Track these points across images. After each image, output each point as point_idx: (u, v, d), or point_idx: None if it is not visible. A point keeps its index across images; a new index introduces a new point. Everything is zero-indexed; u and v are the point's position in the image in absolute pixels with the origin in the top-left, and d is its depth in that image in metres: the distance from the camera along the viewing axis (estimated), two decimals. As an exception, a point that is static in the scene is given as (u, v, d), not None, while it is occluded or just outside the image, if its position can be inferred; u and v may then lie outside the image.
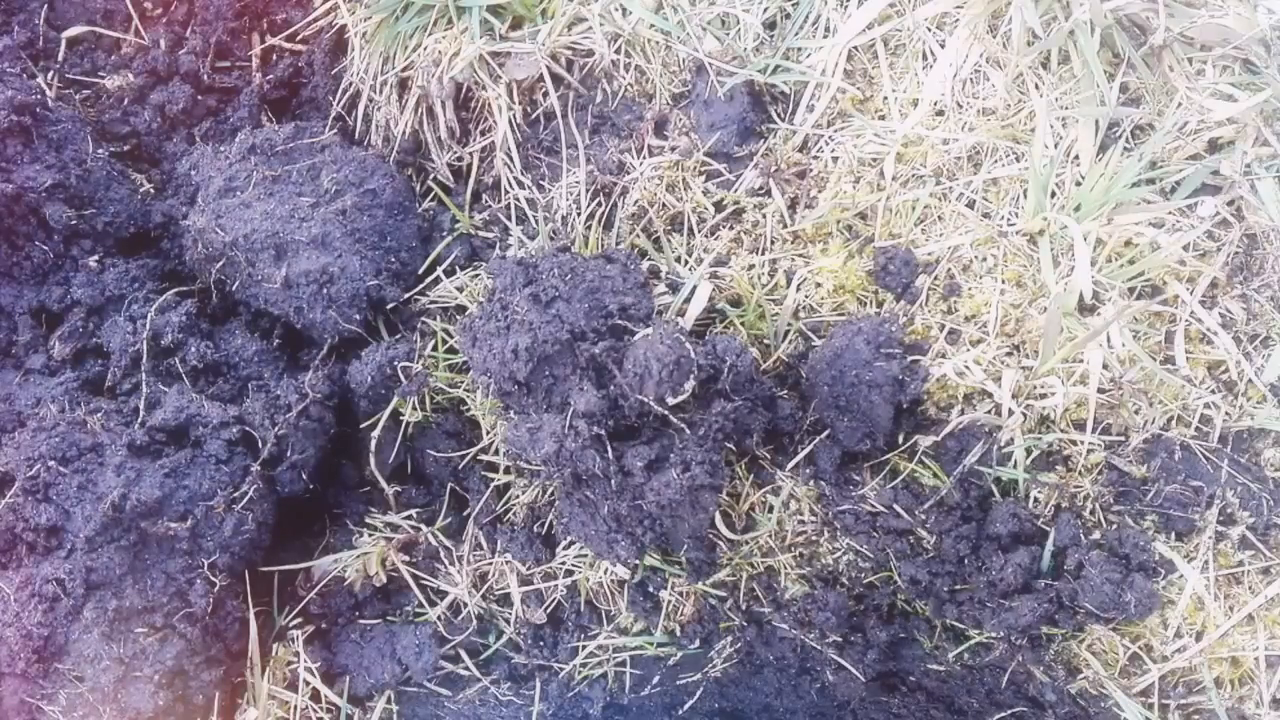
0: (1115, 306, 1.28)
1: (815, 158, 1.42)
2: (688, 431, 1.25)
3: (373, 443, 1.41)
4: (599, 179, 1.43)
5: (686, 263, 1.40)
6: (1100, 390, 1.28)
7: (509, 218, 1.48)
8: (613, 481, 1.24)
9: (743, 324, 1.37)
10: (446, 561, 1.44)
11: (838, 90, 1.42)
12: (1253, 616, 1.29)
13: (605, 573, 1.41)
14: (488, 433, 1.41)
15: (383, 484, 1.44)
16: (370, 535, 1.45)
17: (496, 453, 1.41)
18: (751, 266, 1.39)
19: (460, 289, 1.44)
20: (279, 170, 1.42)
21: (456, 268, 1.46)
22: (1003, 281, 1.33)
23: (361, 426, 1.43)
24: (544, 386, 1.26)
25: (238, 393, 1.40)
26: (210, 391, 1.38)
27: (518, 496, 1.43)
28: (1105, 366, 1.28)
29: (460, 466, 1.44)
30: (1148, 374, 1.29)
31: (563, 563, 1.42)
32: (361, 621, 1.45)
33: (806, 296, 1.38)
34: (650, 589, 1.42)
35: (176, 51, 1.56)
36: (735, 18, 1.43)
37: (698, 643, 1.42)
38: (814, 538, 1.38)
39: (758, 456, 1.38)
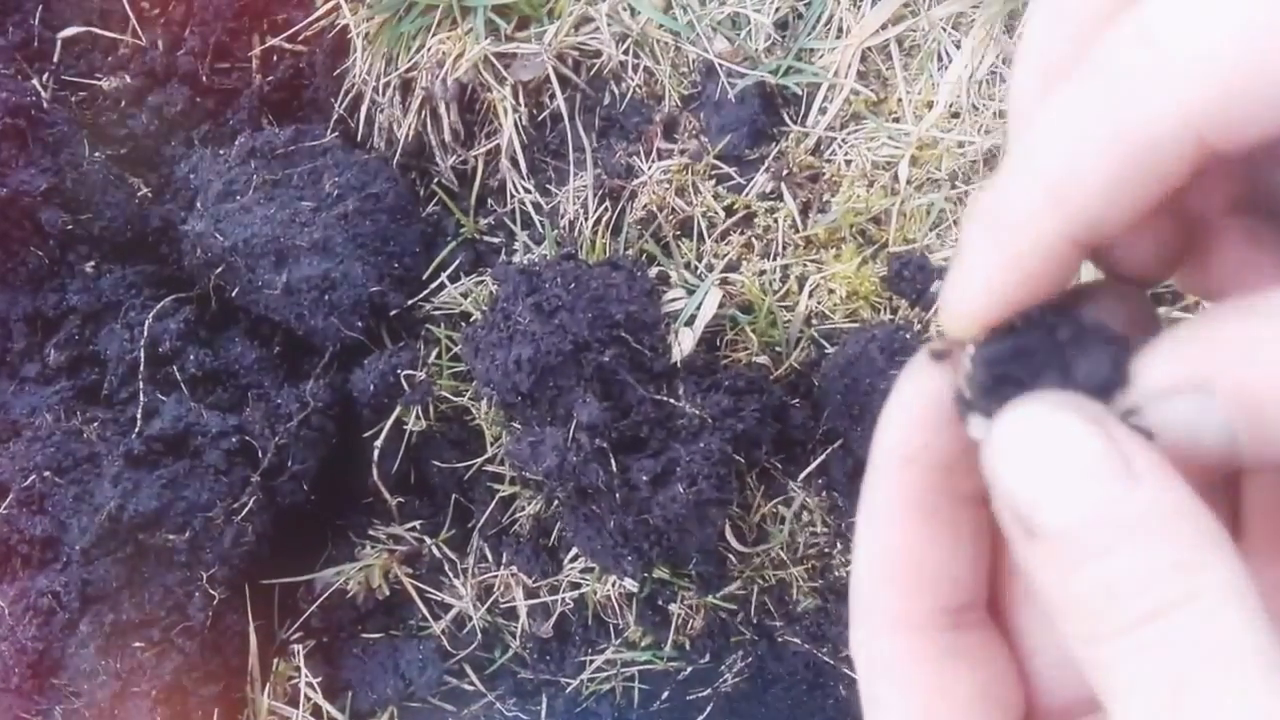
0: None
1: (828, 161, 1.43)
2: (695, 444, 1.25)
3: (375, 453, 1.42)
4: (607, 182, 1.44)
5: (696, 268, 1.41)
6: (1119, 399, 1.28)
7: (515, 222, 1.49)
8: (617, 495, 1.24)
9: (754, 331, 1.37)
10: (451, 574, 1.46)
11: (851, 92, 1.43)
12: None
13: (613, 586, 1.42)
14: (493, 443, 1.43)
15: (386, 495, 1.45)
16: (373, 547, 1.46)
17: (502, 463, 1.43)
18: (763, 272, 1.40)
19: (465, 295, 1.46)
20: (279, 174, 1.43)
21: (461, 273, 1.47)
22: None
23: (364, 436, 1.44)
24: (548, 398, 1.27)
25: (237, 401, 1.41)
26: (209, 400, 1.39)
27: (523, 508, 1.44)
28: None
29: (465, 477, 1.45)
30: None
31: (569, 575, 1.43)
32: (364, 635, 1.46)
33: (819, 303, 1.39)
34: (659, 602, 1.43)
35: (175, 53, 1.57)
36: (746, 18, 1.45)
37: (708, 657, 1.43)
38: (826, 549, 1.38)
39: (768, 466, 1.38)
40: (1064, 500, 0.37)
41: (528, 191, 1.48)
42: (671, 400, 1.28)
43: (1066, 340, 0.41)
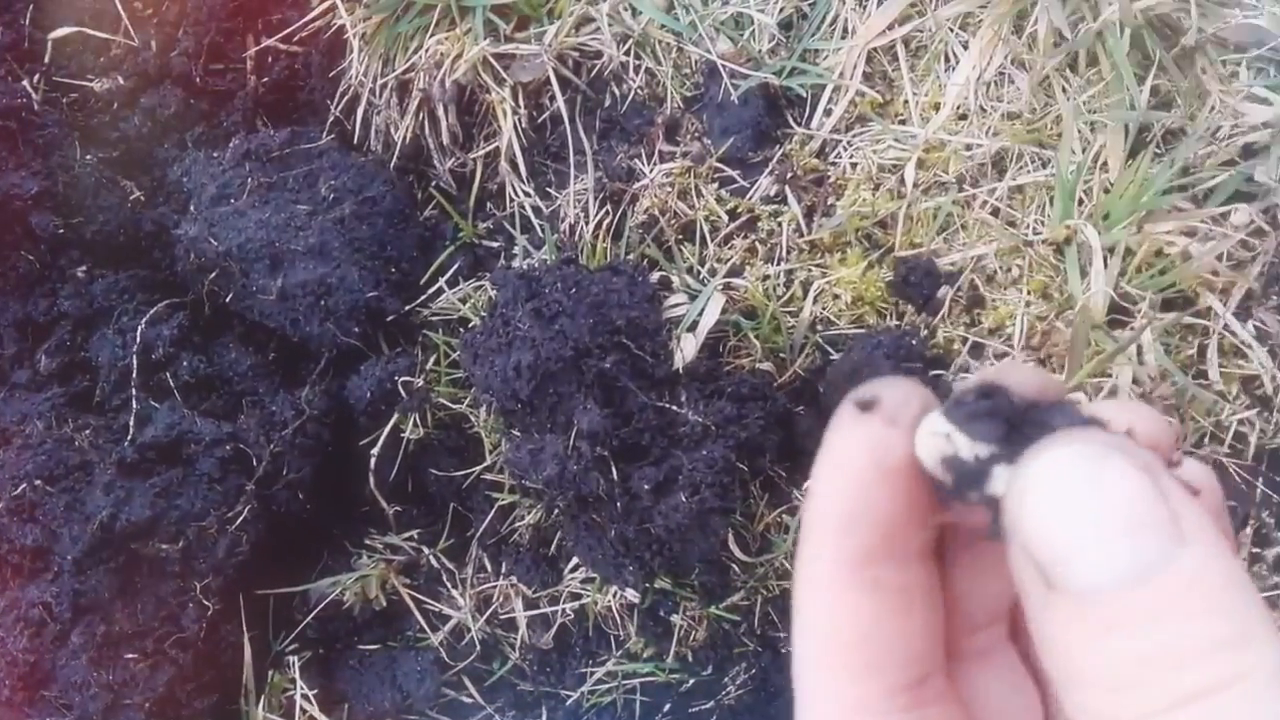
0: (1145, 319, 1.28)
1: (833, 164, 1.42)
2: (697, 452, 1.25)
3: (372, 461, 1.41)
4: (608, 186, 1.44)
5: (699, 273, 1.41)
6: (1130, 406, 1.27)
7: (514, 226, 1.48)
8: (618, 504, 1.24)
9: (757, 337, 1.37)
10: (449, 584, 1.45)
11: (856, 93, 1.42)
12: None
13: (614, 596, 1.42)
14: (491, 451, 1.42)
15: (383, 504, 1.44)
16: (370, 557, 1.45)
17: (501, 471, 1.42)
18: (766, 277, 1.39)
19: (464, 300, 1.45)
20: (274, 177, 1.42)
21: (460, 278, 1.47)
22: (1028, 293, 1.33)
23: (360, 444, 1.43)
24: (548, 405, 1.27)
25: (231, 409, 1.40)
26: (203, 407, 1.39)
27: (523, 517, 1.44)
28: (1135, 381, 1.28)
29: (463, 486, 1.44)
30: (1179, 389, 1.29)
31: (569, 586, 1.43)
32: (360, 647, 1.46)
33: (824, 308, 1.38)
34: (661, 613, 1.43)
35: (168, 53, 1.56)
36: (750, 18, 1.44)
37: (710, 669, 1.43)
38: (831, 559, 1.37)
39: (772, 475, 1.37)
40: (1104, 554, 0.33)
41: (527, 195, 1.47)
42: (673, 407, 1.28)
43: (1020, 405, 0.39)
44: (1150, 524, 0.33)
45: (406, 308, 1.45)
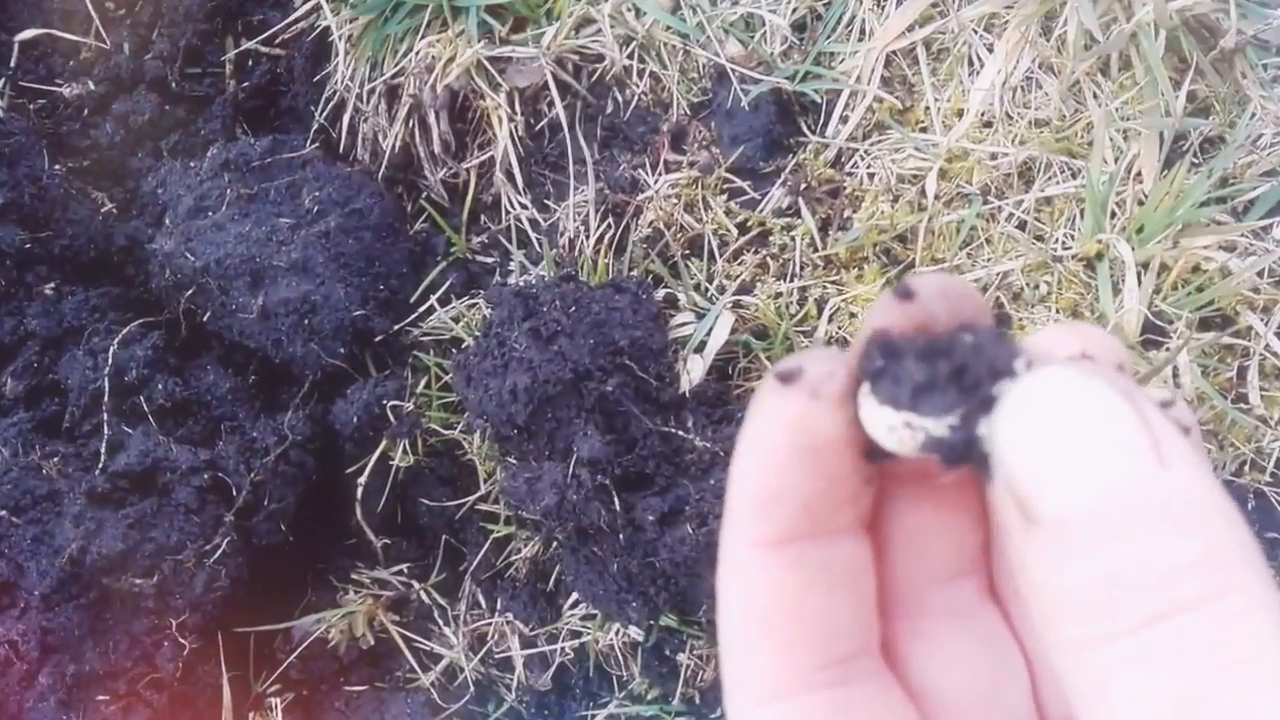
0: (1181, 339, 1.27)
1: (849, 174, 1.41)
2: (705, 480, 1.24)
3: (359, 490, 1.41)
4: (610, 197, 1.43)
5: (706, 290, 1.40)
6: (1167, 432, 1.27)
7: (510, 240, 1.48)
8: (621, 536, 1.24)
9: (769, 358, 1.36)
10: (441, 621, 1.44)
11: (874, 99, 1.41)
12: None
13: (616, 634, 1.41)
14: (486, 479, 1.42)
15: (370, 536, 1.43)
16: (356, 592, 1.45)
17: (496, 501, 1.42)
18: (779, 294, 1.39)
19: (456, 319, 1.44)
20: (255, 188, 1.42)
21: (452, 296, 1.46)
22: (1057, 311, 1.33)
23: (347, 472, 1.42)
24: (546, 431, 1.27)
25: (209, 435, 1.39)
26: (179, 433, 1.37)
27: (520, 549, 1.43)
28: (1172, 405, 1.26)
29: (456, 516, 1.44)
30: (1218, 413, 1.28)
31: (569, 623, 1.42)
32: (347, 688, 1.45)
33: (840, 328, 1.37)
34: (666, 652, 1.42)
35: (142, 57, 1.57)
36: (761, 19, 1.43)
37: (719, 711, 1.41)
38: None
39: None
40: (1080, 479, 0.34)
41: (524, 207, 1.46)
42: (680, 433, 1.27)
43: (944, 336, 0.39)
44: (1129, 449, 0.34)
45: (395, 327, 1.44)
